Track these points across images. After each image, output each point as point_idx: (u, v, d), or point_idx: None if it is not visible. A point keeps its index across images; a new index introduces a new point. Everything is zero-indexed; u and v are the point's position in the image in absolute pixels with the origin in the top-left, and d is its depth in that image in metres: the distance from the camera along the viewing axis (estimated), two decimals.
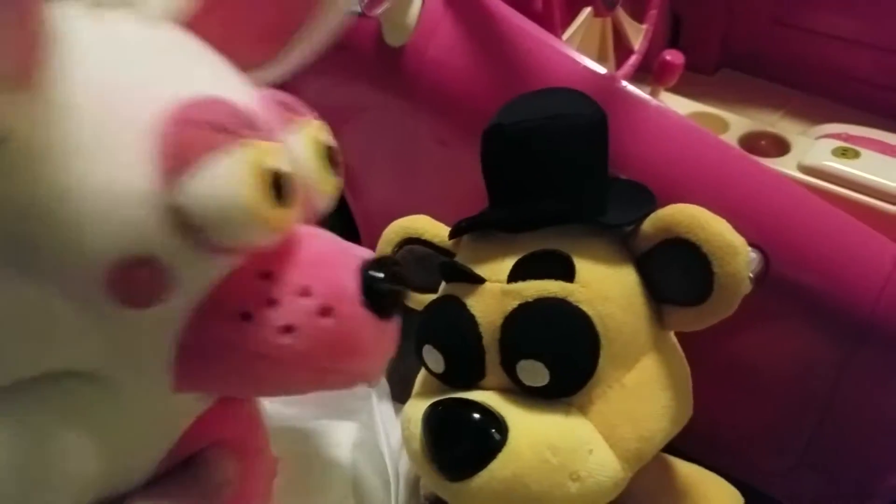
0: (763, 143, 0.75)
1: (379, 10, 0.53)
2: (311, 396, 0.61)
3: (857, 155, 0.67)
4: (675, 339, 0.47)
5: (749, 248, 0.40)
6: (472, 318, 0.42)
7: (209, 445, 0.33)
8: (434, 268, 0.49)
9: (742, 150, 0.73)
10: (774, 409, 0.54)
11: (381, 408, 0.61)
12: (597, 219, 0.43)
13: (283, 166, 0.27)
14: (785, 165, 0.69)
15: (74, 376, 0.28)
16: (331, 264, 0.30)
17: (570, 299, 0.40)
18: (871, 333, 0.46)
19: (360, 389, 0.62)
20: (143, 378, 0.29)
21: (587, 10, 0.66)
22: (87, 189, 0.24)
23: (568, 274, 0.41)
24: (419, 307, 0.51)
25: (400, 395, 0.67)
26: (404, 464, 0.60)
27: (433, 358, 0.44)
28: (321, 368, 0.30)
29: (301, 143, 0.32)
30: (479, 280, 0.43)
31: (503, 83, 0.55)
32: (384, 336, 0.32)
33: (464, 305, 0.43)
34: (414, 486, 0.60)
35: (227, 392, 0.32)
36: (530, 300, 0.40)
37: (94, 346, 0.27)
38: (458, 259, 0.47)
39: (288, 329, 0.28)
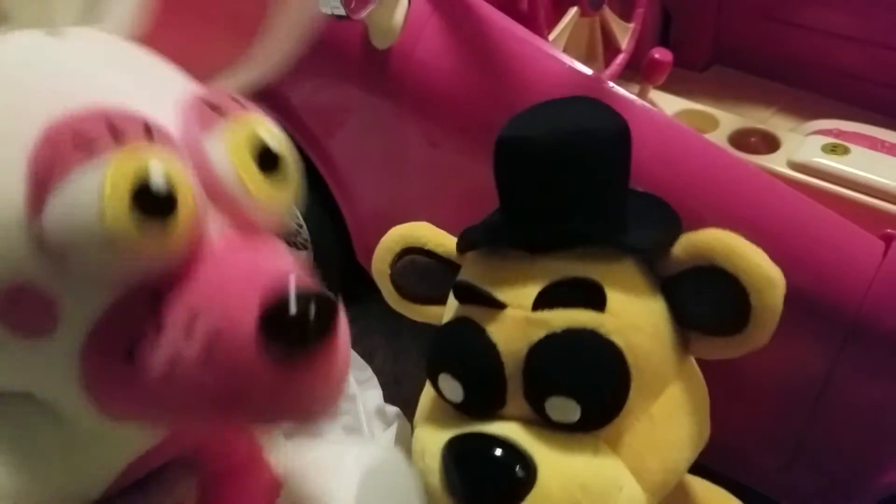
0: (753, 139, 0.75)
1: (364, 13, 0.52)
2: None
3: (846, 151, 0.67)
4: (695, 363, 0.46)
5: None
6: (493, 346, 0.40)
7: (173, 460, 0.31)
8: (436, 279, 0.48)
9: (731, 148, 0.73)
10: (765, 408, 0.54)
11: (368, 409, 0.61)
12: (623, 240, 0.41)
13: (159, 177, 0.24)
14: (775, 162, 0.69)
15: (20, 396, 0.28)
16: (230, 288, 0.26)
17: (601, 331, 0.38)
18: (858, 331, 0.46)
19: (350, 391, 0.61)
20: (68, 406, 0.28)
21: (573, 10, 0.66)
22: None
23: (599, 303, 0.39)
24: (421, 318, 0.51)
25: (393, 397, 0.67)
26: None
27: (450, 387, 0.42)
28: (224, 410, 0.26)
29: (219, 146, 0.27)
30: (501, 305, 0.41)
31: (489, 84, 0.55)
32: (307, 376, 0.26)
33: (483, 331, 0.41)
34: None
35: (156, 421, 0.29)
36: (558, 331, 0.39)
37: (10, 373, 0.27)
38: (465, 274, 0.46)
39: (169, 370, 0.25)
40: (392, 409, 0.66)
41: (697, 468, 0.54)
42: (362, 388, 0.61)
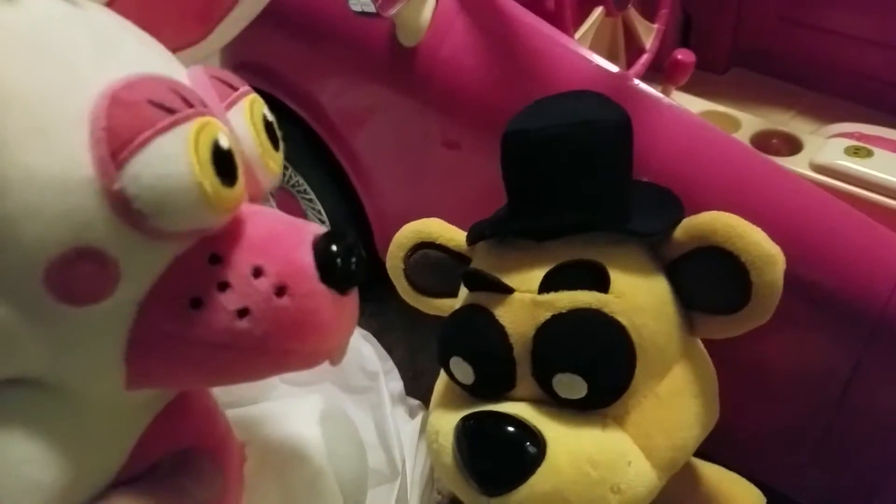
0: (775, 141, 0.75)
1: (393, 11, 0.53)
2: (321, 376, 0.60)
3: (869, 154, 0.67)
4: (702, 345, 0.46)
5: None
6: (501, 328, 0.41)
7: (185, 450, 0.32)
8: (448, 272, 0.49)
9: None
10: (787, 407, 0.54)
11: (391, 391, 0.62)
12: (627, 226, 0.42)
13: (225, 142, 0.26)
14: (797, 164, 0.69)
15: (25, 384, 0.27)
16: (282, 241, 0.29)
17: (605, 310, 0.39)
18: (882, 332, 0.46)
19: (371, 367, 0.62)
20: (94, 379, 0.28)
21: (599, 10, 0.66)
22: (20, 181, 0.23)
23: (602, 284, 0.41)
24: (435, 312, 0.51)
25: (414, 391, 0.68)
26: (421, 459, 0.61)
27: (462, 370, 0.43)
28: (281, 351, 0.28)
29: (241, 119, 0.30)
30: (508, 290, 0.42)
31: (515, 82, 0.55)
32: (344, 312, 0.30)
33: (492, 316, 0.42)
34: (429, 481, 0.61)
35: (184, 385, 0.31)
36: (564, 311, 0.40)
37: (39, 351, 0.26)
38: (475, 265, 0.47)
39: (242, 313, 0.27)
40: (413, 402, 0.66)
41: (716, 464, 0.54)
42: (385, 378, 0.62)
